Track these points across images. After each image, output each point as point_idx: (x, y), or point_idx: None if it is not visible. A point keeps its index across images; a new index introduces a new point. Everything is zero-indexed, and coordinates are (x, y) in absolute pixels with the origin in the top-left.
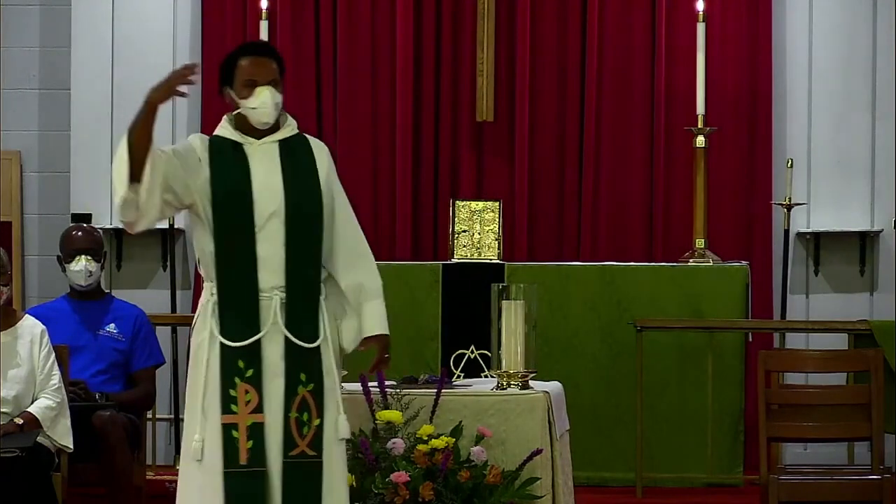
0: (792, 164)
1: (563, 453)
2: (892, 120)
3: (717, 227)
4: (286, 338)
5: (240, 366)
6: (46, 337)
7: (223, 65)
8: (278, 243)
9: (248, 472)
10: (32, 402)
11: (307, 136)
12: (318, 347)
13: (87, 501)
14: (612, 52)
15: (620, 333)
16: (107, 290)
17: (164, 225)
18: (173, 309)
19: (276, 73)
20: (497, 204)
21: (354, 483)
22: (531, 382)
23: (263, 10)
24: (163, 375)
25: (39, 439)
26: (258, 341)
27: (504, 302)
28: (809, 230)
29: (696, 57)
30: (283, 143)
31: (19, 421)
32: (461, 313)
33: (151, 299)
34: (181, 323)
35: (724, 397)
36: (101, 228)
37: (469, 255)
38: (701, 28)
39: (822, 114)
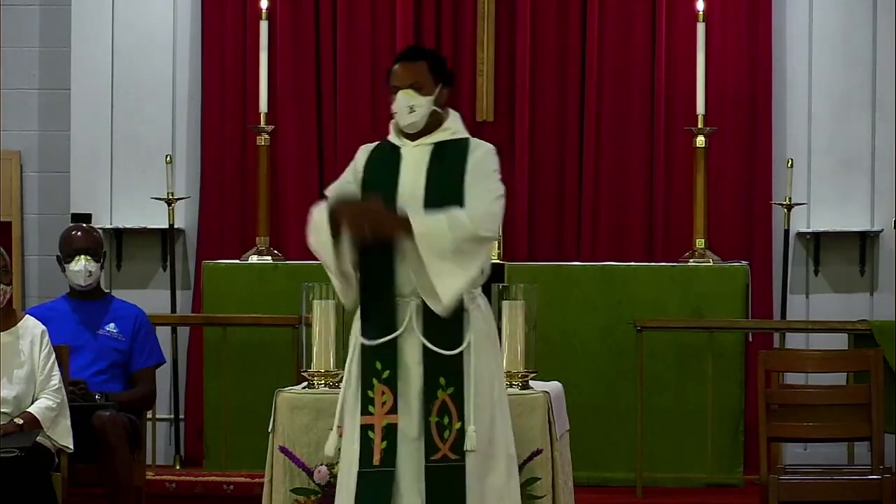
0: (792, 164)
1: (563, 453)
2: (892, 120)
3: (717, 227)
4: (423, 343)
5: (377, 367)
6: (47, 337)
7: (388, 72)
8: None
9: (379, 472)
10: (32, 403)
11: (473, 139)
12: (460, 355)
13: (87, 501)
14: (612, 52)
15: (620, 333)
16: (107, 290)
17: (164, 225)
18: (173, 309)
19: (417, 76)
20: None
21: None
22: (531, 382)
23: (263, 10)
24: (163, 375)
25: (39, 439)
26: (394, 343)
27: (504, 302)
28: (809, 230)
29: (696, 57)
30: (438, 146)
31: (19, 421)
32: None
33: (151, 299)
34: (181, 323)
35: (724, 397)
36: (100, 228)
37: None
38: (701, 28)
39: (822, 114)
